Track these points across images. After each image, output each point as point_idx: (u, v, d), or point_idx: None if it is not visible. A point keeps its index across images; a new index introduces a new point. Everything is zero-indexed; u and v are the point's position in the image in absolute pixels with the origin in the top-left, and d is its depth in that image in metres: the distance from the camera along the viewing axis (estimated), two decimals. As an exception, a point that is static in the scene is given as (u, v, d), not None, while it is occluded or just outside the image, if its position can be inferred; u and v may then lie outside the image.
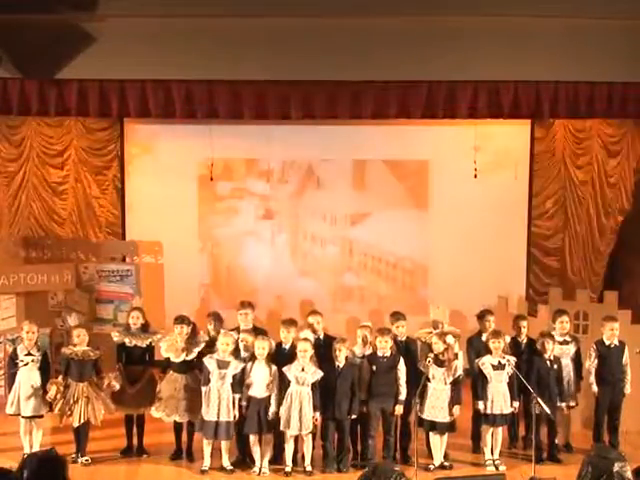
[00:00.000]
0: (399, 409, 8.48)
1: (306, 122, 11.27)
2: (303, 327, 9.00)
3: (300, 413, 8.23)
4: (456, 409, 8.43)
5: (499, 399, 8.49)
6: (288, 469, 8.37)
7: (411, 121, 11.24)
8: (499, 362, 8.52)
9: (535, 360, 8.71)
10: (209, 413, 8.27)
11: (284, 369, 8.30)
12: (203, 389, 8.32)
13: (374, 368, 8.46)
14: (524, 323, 9.14)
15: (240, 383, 8.35)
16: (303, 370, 8.27)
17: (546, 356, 8.68)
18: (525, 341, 9.07)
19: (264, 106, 10.55)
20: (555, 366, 8.72)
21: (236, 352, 8.53)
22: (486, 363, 8.55)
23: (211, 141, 11.85)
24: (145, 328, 8.92)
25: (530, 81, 10.46)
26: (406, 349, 8.74)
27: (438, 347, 8.46)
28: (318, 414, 8.31)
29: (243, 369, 8.38)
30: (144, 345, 8.78)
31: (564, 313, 9.17)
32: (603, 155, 12.25)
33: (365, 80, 10.37)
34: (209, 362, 8.36)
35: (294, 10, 9.97)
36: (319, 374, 8.29)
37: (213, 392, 8.28)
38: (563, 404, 8.78)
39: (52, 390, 8.36)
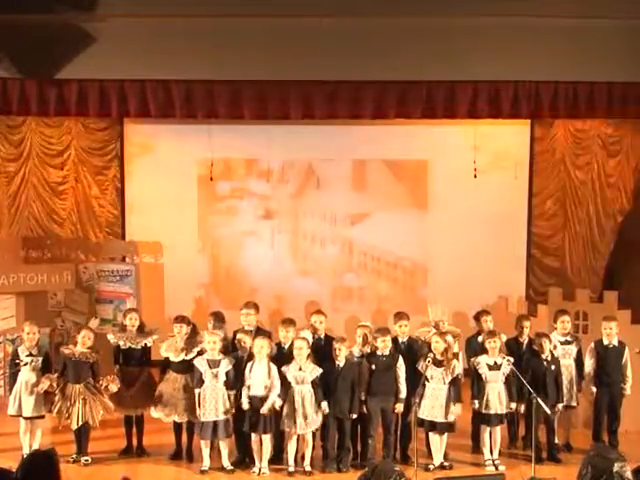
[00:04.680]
0: (399, 407, 8.48)
1: (306, 122, 11.27)
2: (304, 327, 9.01)
3: (305, 412, 8.24)
4: (457, 407, 8.42)
5: (494, 399, 8.49)
6: (291, 469, 8.36)
7: (411, 121, 11.25)
8: (495, 362, 8.52)
9: (531, 360, 8.71)
10: (206, 414, 8.26)
11: (282, 369, 8.30)
12: (196, 391, 8.31)
13: (373, 367, 8.46)
14: (527, 323, 9.12)
15: (234, 379, 8.34)
16: (301, 369, 8.28)
17: (543, 356, 8.67)
18: (526, 341, 9.06)
19: (264, 106, 10.56)
20: (553, 366, 8.70)
21: (225, 349, 8.55)
22: (481, 363, 8.55)
23: (211, 141, 11.86)
24: (141, 329, 8.91)
25: (530, 81, 10.46)
26: (408, 349, 8.74)
27: (439, 346, 8.45)
28: (325, 405, 8.29)
29: (234, 365, 8.37)
30: (139, 347, 8.77)
31: (565, 313, 9.16)
32: (603, 155, 12.25)
33: (365, 80, 10.38)
34: (200, 363, 8.34)
35: (294, 10, 9.97)
36: (318, 371, 8.29)
37: (208, 392, 8.27)
38: (560, 405, 8.75)
39: (45, 383, 8.36)
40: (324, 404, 8.30)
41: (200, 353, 8.57)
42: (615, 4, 10.00)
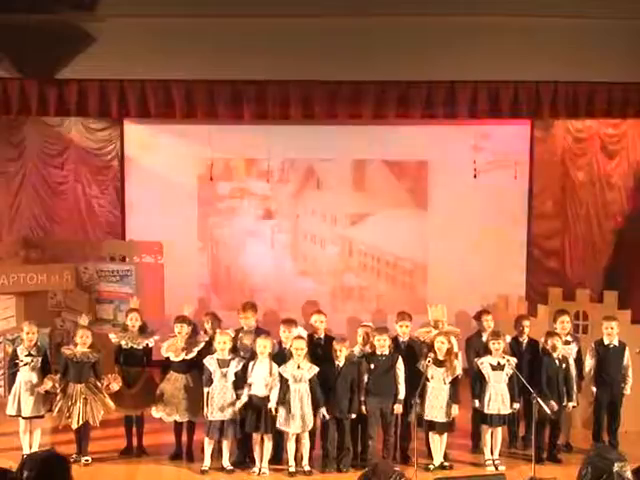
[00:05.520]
0: (398, 408, 8.48)
1: (306, 122, 11.27)
2: (304, 327, 9.02)
3: (302, 411, 8.24)
4: (455, 408, 8.43)
5: (497, 399, 8.49)
6: (292, 469, 8.37)
7: (411, 121, 11.25)
8: (498, 362, 8.52)
9: (544, 360, 8.69)
10: (214, 413, 8.27)
11: (280, 369, 8.30)
12: (205, 390, 8.32)
13: (372, 367, 8.46)
14: (527, 323, 9.13)
15: (243, 380, 8.35)
16: (299, 367, 8.28)
17: (555, 355, 8.68)
18: (526, 341, 9.06)
19: (264, 106, 10.56)
20: (563, 365, 8.71)
21: (234, 350, 8.56)
22: (485, 363, 8.55)
23: (211, 141, 11.86)
24: (143, 329, 8.91)
25: (530, 81, 10.46)
26: (408, 349, 8.74)
27: (443, 347, 8.44)
28: (324, 409, 8.30)
29: (244, 366, 8.38)
30: (141, 347, 8.78)
31: (564, 313, 9.16)
32: (603, 155, 12.25)
33: (365, 80, 10.37)
34: (210, 363, 8.36)
35: (294, 10, 9.97)
36: (315, 369, 8.30)
37: (217, 392, 8.28)
38: (570, 404, 8.77)
39: (48, 384, 8.36)
40: (323, 410, 8.31)
41: (201, 353, 8.58)
42: (615, 4, 9.99)
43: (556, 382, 8.62)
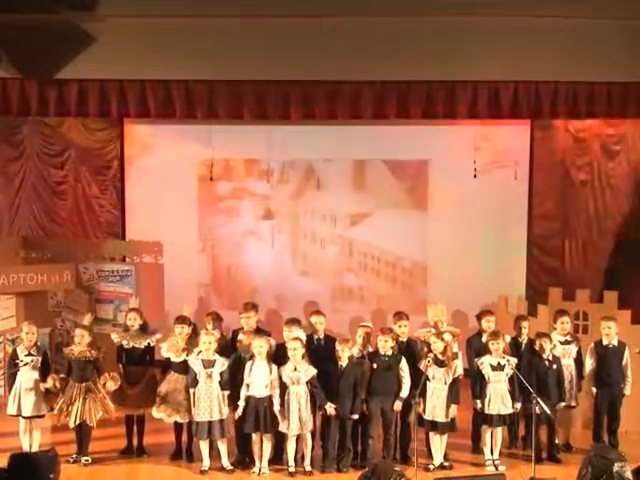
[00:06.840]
0: (398, 405, 8.46)
1: (306, 122, 11.27)
2: (306, 327, 9.02)
3: (300, 413, 8.23)
4: (453, 409, 8.42)
5: (497, 400, 8.48)
6: (292, 469, 8.35)
7: (411, 121, 11.24)
8: (498, 363, 8.52)
9: (534, 360, 8.71)
10: (200, 414, 8.27)
11: (279, 370, 8.28)
12: (191, 391, 8.33)
13: (374, 366, 8.46)
14: (525, 323, 9.14)
15: (228, 380, 8.34)
16: (296, 370, 8.27)
17: (544, 356, 8.68)
18: (525, 341, 9.07)
19: (264, 106, 10.57)
20: (554, 366, 8.71)
21: (234, 350, 8.56)
22: (485, 363, 8.55)
23: (211, 141, 11.87)
24: (144, 328, 8.91)
25: (530, 81, 10.47)
26: (407, 349, 8.74)
27: (437, 346, 8.45)
28: (329, 405, 8.27)
29: (236, 365, 8.37)
30: (142, 346, 8.78)
31: (565, 313, 9.16)
32: (603, 155, 12.24)
33: (365, 80, 10.38)
34: (194, 363, 8.35)
35: (294, 10, 9.98)
36: (312, 371, 8.27)
37: (202, 392, 8.28)
38: (562, 404, 8.77)
39: (49, 382, 8.37)
40: (328, 407, 8.29)
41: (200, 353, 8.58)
42: (615, 4, 10.00)
43: (546, 383, 8.60)
